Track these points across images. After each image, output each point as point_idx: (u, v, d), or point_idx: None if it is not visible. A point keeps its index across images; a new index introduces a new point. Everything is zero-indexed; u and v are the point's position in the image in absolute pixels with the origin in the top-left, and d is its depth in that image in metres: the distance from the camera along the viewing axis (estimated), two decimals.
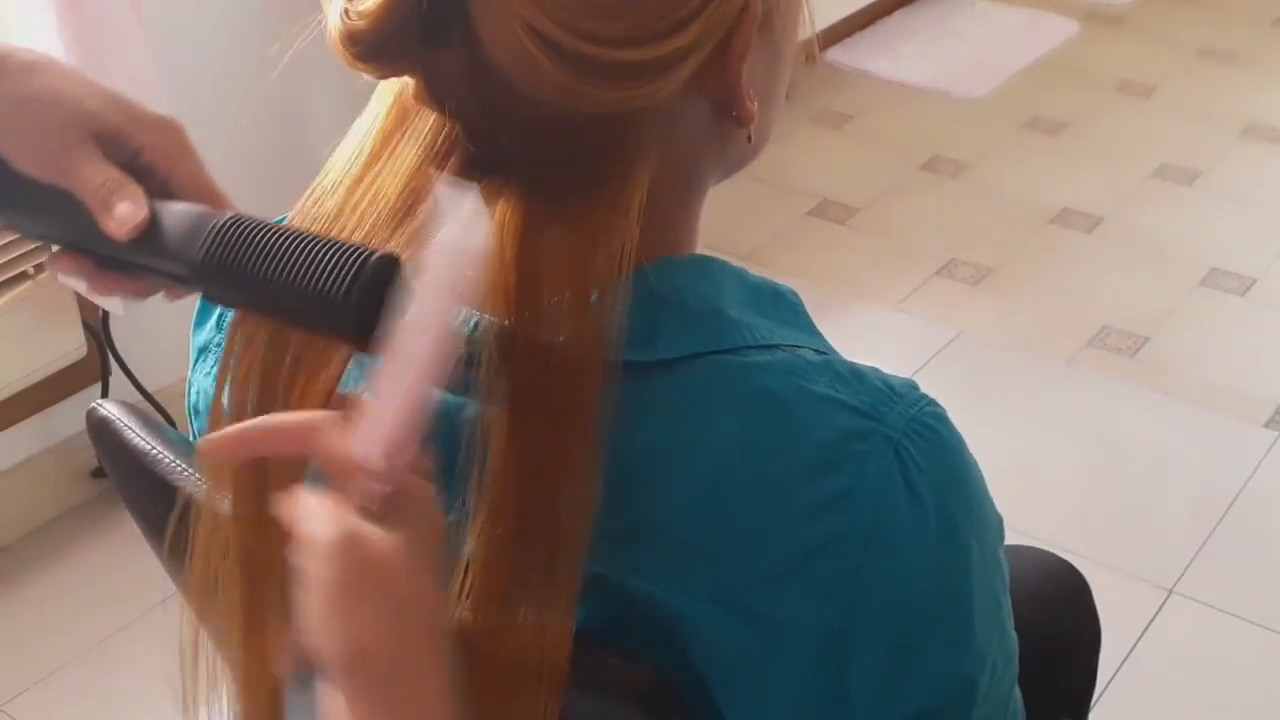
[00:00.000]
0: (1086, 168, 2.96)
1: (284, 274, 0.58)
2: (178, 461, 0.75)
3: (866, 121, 3.15)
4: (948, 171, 2.95)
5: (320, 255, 0.58)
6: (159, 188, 0.64)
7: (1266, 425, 2.19)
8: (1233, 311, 2.50)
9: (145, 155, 0.65)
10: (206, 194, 0.65)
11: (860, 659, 0.61)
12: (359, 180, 0.66)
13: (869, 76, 3.31)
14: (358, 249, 0.58)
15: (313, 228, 0.65)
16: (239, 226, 0.60)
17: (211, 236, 0.60)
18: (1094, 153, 3.03)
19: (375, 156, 0.66)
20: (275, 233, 0.59)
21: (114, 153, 0.64)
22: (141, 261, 0.63)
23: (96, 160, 0.63)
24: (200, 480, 0.70)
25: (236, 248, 0.59)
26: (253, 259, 0.59)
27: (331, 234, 0.64)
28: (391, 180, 0.64)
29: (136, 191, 0.63)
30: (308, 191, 0.67)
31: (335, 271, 0.57)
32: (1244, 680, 1.76)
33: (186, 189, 0.65)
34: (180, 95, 1.74)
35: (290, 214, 0.70)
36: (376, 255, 0.57)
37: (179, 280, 0.63)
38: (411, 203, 0.64)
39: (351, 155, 0.67)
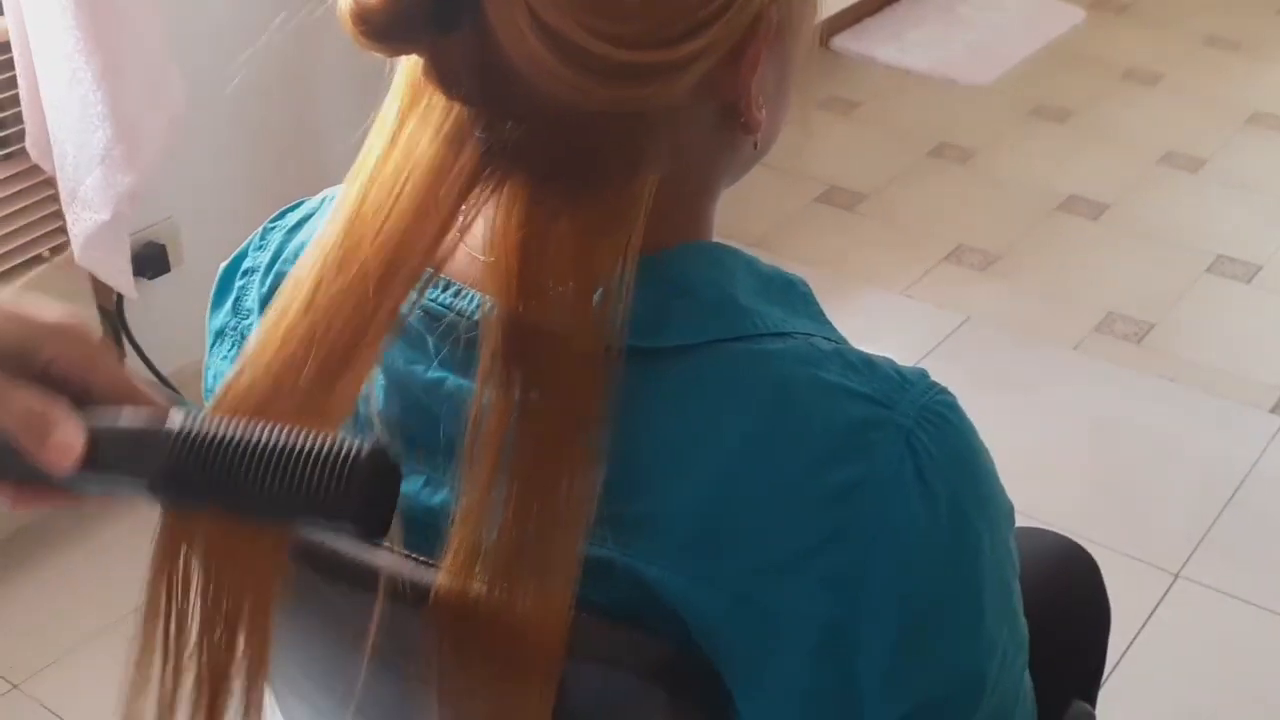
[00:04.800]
0: (1093, 155, 2.97)
1: (267, 482, 0.53)
2: None
3: (874, 108, 3.15)
4: (955, 158, 2.96)
5: (301, 458, 0.53)
6: (79, 396, 0.58)
7: (1272, 410, 2.20)
8: (1238, 298, 2.51)
9: (57, 365, 0.58)
10: (130, 394, 0.59)
11: (869, 648, 0.61)
12: (377, 173, 0.65)
13: (876, 64, 3.31)
14: (340, 450, 0.53)
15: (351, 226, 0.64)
16: (195, 436, 0.55)
17: (170, 450, 0.55)
18: (1100, 140, 3.03)
19: (393, 143, 0.65)
20: (238, 439, 0.54)
21: (20, 369, 0.57)
22: (86, 485, 0.57)
23: (6, 387, 0.56)
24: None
25: (200, 459, 0.54)
26: (223, 470, 0.54)
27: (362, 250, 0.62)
28: (410, 171, 0.64)
29: (65, 415, 0.56)
30: (350, 179, 0.66)
31: (327, 477, 0.52)
32: (1249, 663, 1.77)
33: (109, 393, 0.59)
34: (189, 67, 1.75)
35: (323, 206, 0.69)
36: (365, 452, 0.53)
37: (133, 493, 0.57)
38: (431, 206, 0.63)
39: (376, 140, 0.66)
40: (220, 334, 0.80)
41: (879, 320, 2.42)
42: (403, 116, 0.65)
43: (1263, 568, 1.90)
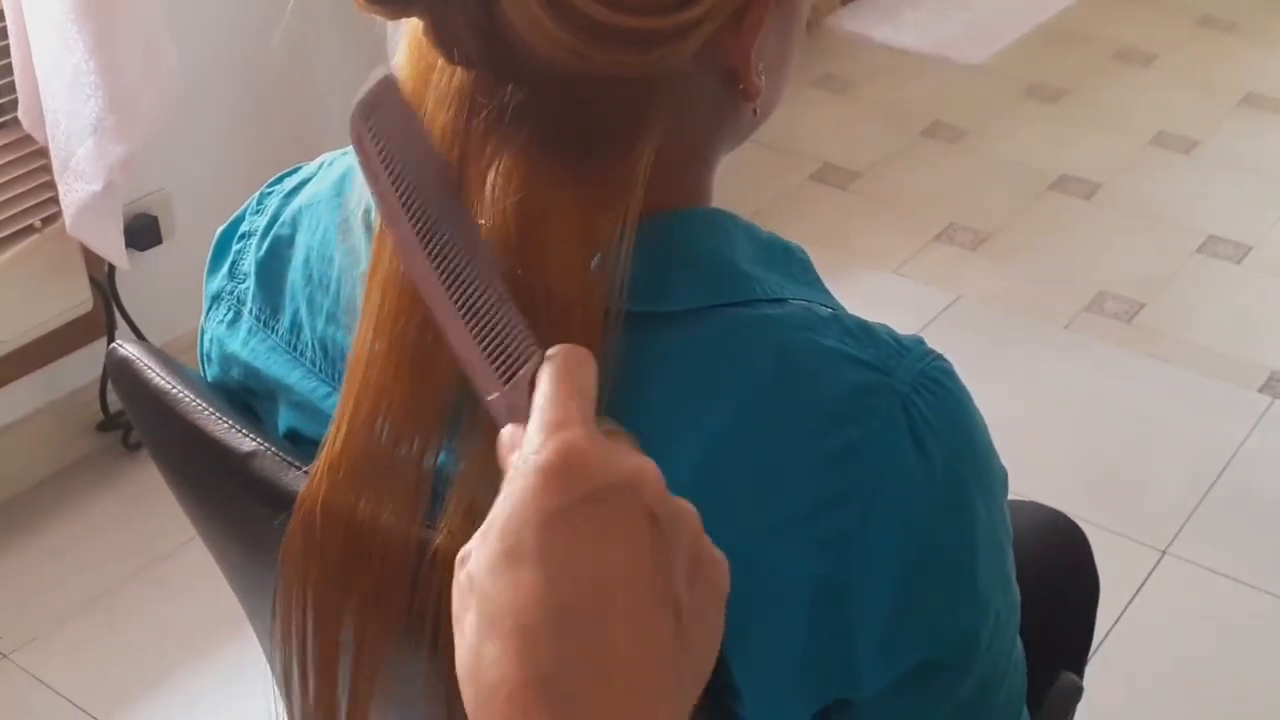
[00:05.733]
0: (1086, 134, 2.97)
1: None
2: (198, 401, 0.76)
3: (868, 87, 3.15)
4: (948, 137, 2.96)
5: None
6: None
7: (1260, 390, 2.21)
8: (1229, 278, 2.51)
9: None
10: None
11: (865, 611, 0.62)
12: None
13: (871, 42, 3.31)
14: None
15: None
16: None
17: None
18: (1093, 120, 3.04)
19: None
20: None
21: None
22: None
23: None
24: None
25: None
26: None
27: None
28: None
29: None
30: None
31: None
32: (1235, 639, 1.78)
33: None
34: (183, 37, 1.74)
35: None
36: None
37: None
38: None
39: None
40: (217, 297, 0.80)
41: (871, 299, 2.42)
42: (413, 84, 0.65)
43: (1249, 546, 1.91)
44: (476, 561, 0.44)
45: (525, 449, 0.45)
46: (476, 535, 0.46)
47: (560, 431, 0.45)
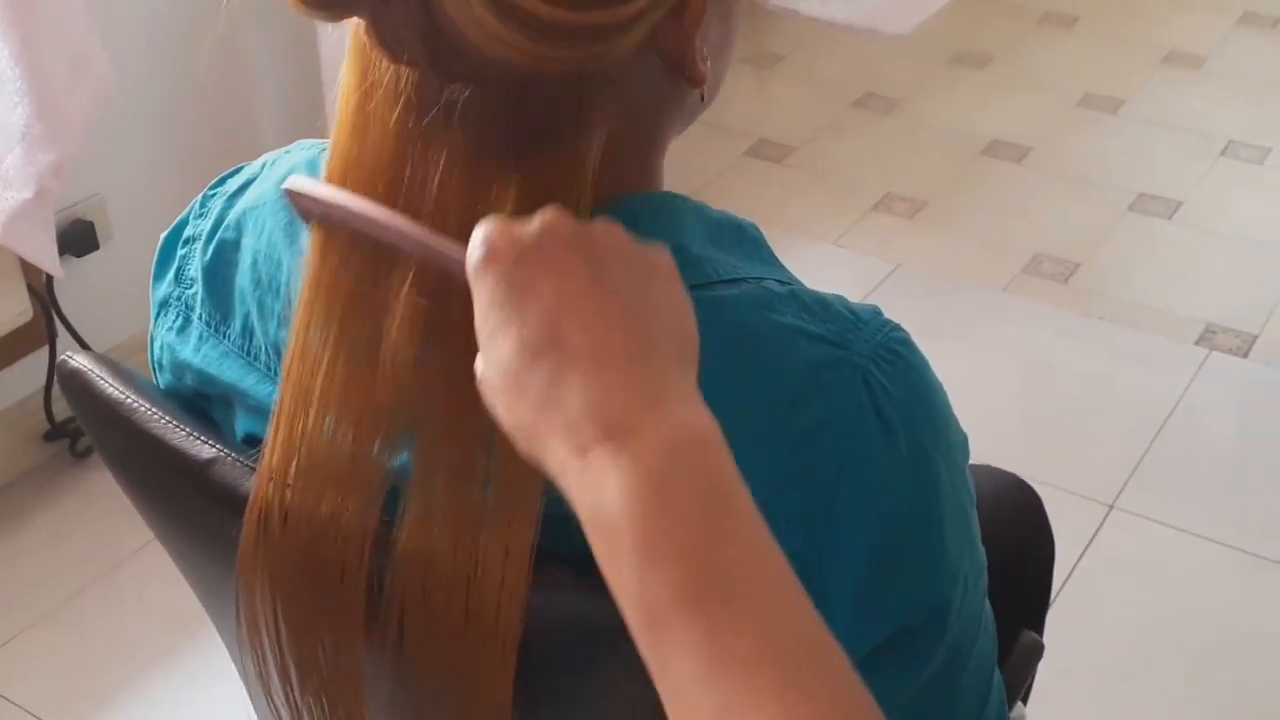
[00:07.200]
0: (1014, 99, 3.00)
1: None
2: (153, 410, 0.76)
3: (798, 61, 3.16)
4: (880, 108, 2.98)
5: None
6: None
7: (1197, 343, 2.25)
8: (1161, 235, 2.56)
9: None
10: None
11: (837, 584, 0.62)
12: (349, 148, 0.65)
13: (798, 16, 3.31)
14: None
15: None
16: None
17: None
18: (1020, 84, 3.07)
19: (358, 112, 0.65)
20: None
21: None
22: None
23: None
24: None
25: None
26: None
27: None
28: (380, 142, 0.64)
29: None
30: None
31: None
32: (1182, 586, 1.82)
33: None
34: (115, 40, 1.72)
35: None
36: None
37: None
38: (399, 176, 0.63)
39: (341, 114, 0.65)
40: (165, 304, 0.79)
41: (811, 271, 2.40)
42: (358, 85, 0.64)
43: (1192, 496, 1.95)
44: (481, 363, 0.56)
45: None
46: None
47: (481, 229, 0.57)
